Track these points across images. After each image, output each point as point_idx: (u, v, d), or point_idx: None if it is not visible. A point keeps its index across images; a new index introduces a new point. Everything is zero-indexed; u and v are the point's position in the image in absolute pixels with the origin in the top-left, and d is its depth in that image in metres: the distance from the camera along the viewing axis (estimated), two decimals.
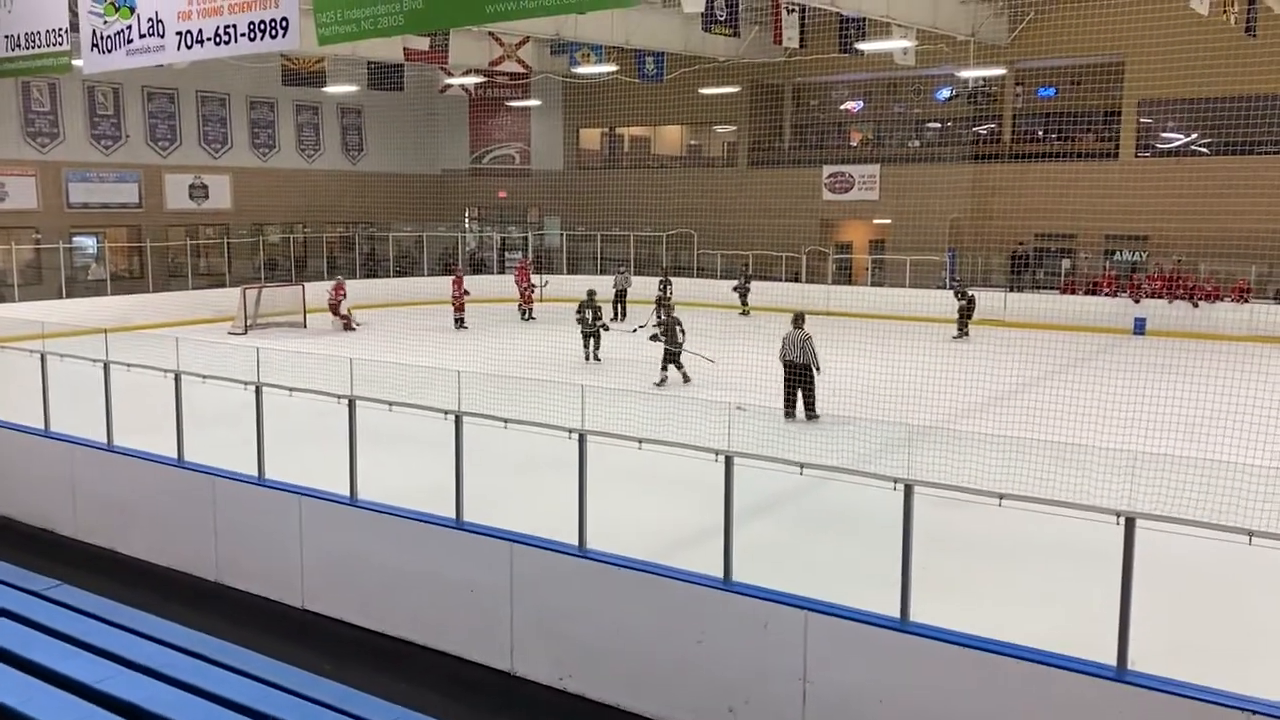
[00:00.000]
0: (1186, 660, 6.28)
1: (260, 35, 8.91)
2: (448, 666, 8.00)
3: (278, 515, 9.12)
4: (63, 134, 27.23)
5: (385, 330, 23.29)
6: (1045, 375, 17.60)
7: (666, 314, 18.15)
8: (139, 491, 10.27)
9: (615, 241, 31.79)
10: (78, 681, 4.54)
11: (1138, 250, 26.15)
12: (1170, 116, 26.50)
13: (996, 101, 28.96)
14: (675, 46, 25.88)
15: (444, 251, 33.55)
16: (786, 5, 22.02)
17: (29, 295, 24.52)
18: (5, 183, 26.24)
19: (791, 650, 6.60)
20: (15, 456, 11.49)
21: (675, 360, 17.25)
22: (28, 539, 10.86)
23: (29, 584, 6.51)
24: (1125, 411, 11.76)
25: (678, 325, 17.55)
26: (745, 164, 32.37)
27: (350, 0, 8.44)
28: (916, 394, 13.58)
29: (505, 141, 35.71)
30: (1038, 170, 26.92)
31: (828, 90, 32.12)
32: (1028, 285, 26.83)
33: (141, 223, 28.81)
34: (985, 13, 25.49)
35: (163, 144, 29.35)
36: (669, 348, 17.32)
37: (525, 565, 7.72)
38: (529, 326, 25.43)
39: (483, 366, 12.49)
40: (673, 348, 17.26)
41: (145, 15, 9.74)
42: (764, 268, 29.53)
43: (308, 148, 32.98)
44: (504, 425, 8.16)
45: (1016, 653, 6.02)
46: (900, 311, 24.27)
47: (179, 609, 8.06)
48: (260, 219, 31.25)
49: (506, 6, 7.65)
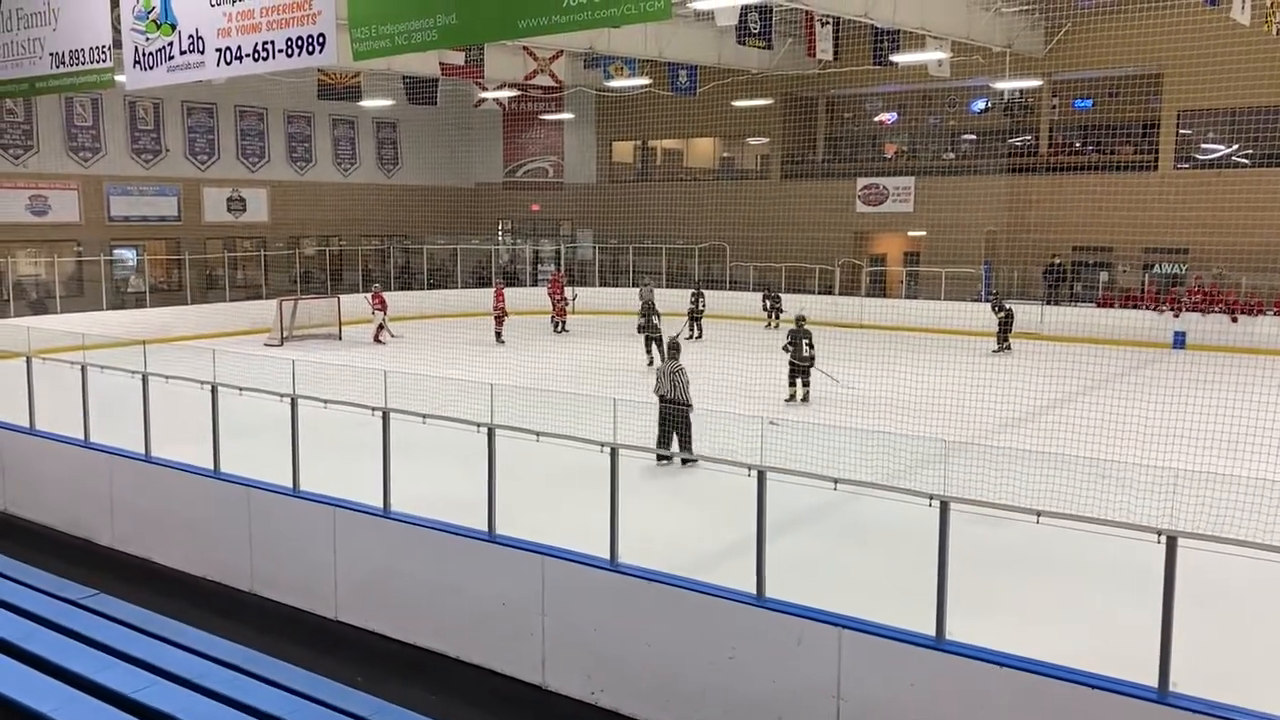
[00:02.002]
0: (1230, 683, 6.14)
1: (298, 51, 9.01)
2: (479, 679, 7.99)
3: (312, 526, 9.17)
4: (104, 148, 27.70)
5: (418, 342, 23.43)
6: (1083, 390, 17.38)
7: (797, 325, 16.92)
8: (176, 502, 10.37)
9: (647, 254, 31.82)
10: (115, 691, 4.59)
11: (1177, 263, 25.79)
12: (1210, 128, 26.14)
13: (1032, 113, 28.72)
14: (708, 59, 25.91)
15: (477, 264, 33.75)
16: (820, 18, 21.98)
17: (70, 307, 24.92)
18: (48, 196, 26.72)
19: (825, 667, 6.54)
20: (55, 466, 11.66)
21: (804, 375, 16.39)
22: (66, 548, 10.99)
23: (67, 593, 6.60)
24: (1165, 427, 11.57)
25: (806, 340, 16.50)
26: (778, 176, 32.31)
27: (385, 16, 8.52)
28: (952, 408, 13.45)
29: (538, 155, 35.90)
30: (1075, 182, 26.65)
31: (861, 102, 32.02)
32: (1064, 299, 26.54)
33: (180, 235, 29.23)
34: (1021, 24, 25.31)
35: (201, 158, 29.77)
36: (794, 362, 16.41)
37: (557, 578, 7.71)
38: (562, 339, 25.48)
39: (515, 379, 12.53)
40: (799, 362, 16.34)
41: (186, 32, 9.89)
42: (797, 280, 29.42)
43: (344, 161, 33.32)
44: (536, 438, 8.17)
45: (1055, 672, 5.92)
46: (935, 325, 24.07)
47: (214, 619, 8.12)
48: (297, 232, 31.61)
49: (540, 22, 7.68)
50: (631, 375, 19.47)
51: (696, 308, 25.70)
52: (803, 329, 16.67)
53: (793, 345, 16.53)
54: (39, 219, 26.56)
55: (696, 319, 25.61)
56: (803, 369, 16.31)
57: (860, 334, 24.00)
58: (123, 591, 7.60)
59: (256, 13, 9.21)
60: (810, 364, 16.37)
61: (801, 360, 16.36)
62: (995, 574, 8.89)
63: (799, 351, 16.41)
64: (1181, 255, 25.50)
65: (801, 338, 16.53)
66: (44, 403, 12.01)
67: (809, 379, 16.37)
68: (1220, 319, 23.45)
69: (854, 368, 16.43)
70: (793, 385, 16.41)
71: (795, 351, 16.45)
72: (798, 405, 16.09)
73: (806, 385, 16.39)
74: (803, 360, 16.36)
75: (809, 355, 16.40)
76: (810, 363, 16.38)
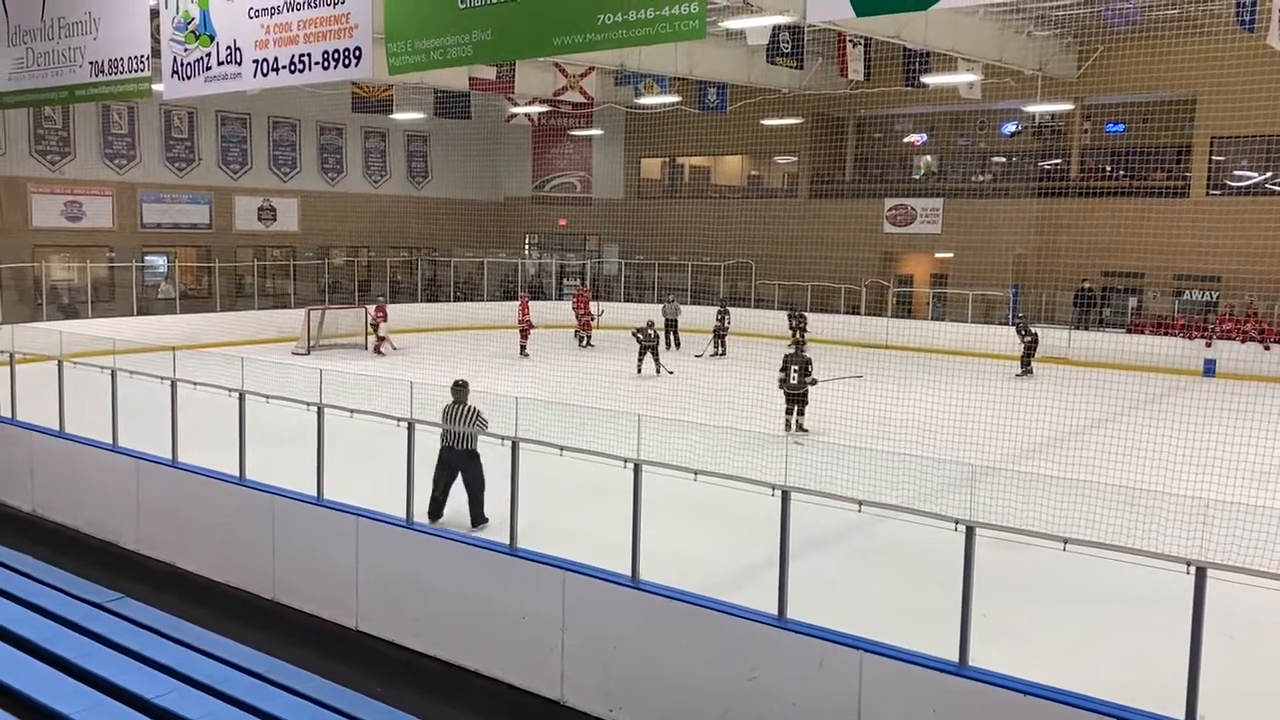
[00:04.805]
0: (1257, 717, 6.05)
1: (334, 64, 9.10)
2: (497, 693, 7.98)
3: (335, 536, 9.21)
4: (139, 156, 28.06)
5: (444, 355, 23.52)
6: (1111, 416, 17.21)
7: (797, 350, 16.45)
8: (201, 508, 10.44)
9: (674, 270, 31.85)
10: (137, 695, 4.62)
11: (1208, 290, 25.54)
12: (1243, 154, 25.90)
13: (1063, 137, 28.56)
14: (739, 78, 25.96)
15: (504, 278, 33.89)
16: (851, 38, 21.99)
17: (102, 312, 25.19)
18: (83, 202, 27.09)
19: (846, 690, 6.48)
20: (83, 469, 11.77)
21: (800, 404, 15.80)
22: (92, 551, 11.09)
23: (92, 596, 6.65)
24: (1195, 456, 11.43)
25: (796, 366, 15.88)
26: (806, 195, 32.28)
27: (421, 31, 8.59)
28: (978, 431, 13.35)
29: (567, 170, 36.05)
30: (1105, 207, 26.46)
31: (891, 123, 31.97)
32: (1093, 323, 26.32)
33: (211, 243, 29.54)
34: (1053, 48, 25.22)
35: (234, 167, 30.09)
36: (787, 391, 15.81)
37: (577, 594, 7.69)
38: (587, 353, 25.52)
39: (540, 393, 12.55)
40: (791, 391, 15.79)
41: (224, 44, 10.01)
42: (823, 300, 29.34)
43: (374, 173, 33.59)
44: (559, 453, 8.18)
45: (1080, 702, 5.84)
46: (961, 347, 23.93)
47: (236, 626, 8.15)
48: (326, 242, 31.86)
49: (574, 39, 7.72)
50: (656, 391, 19.46)
51: (722, 325, 25.70)
52: (799, 354, 16.17)
53: (783, 371, 15.93)
54: (73, 224, 26.93)
55: (721, 336, 25.60)
56: (797, 397, 15.76)
57: (886, 355, 23.89)
58: (146, 596, 7.66)
59: (294, 25, 9.31)
60: (803, 391, 15.76)
61: (793, 389, 15.73)
62: (1020, 600, 8.79)
63: (788, 379, 15.80)
64: (1213, 283, 25.24)
65: (792, 364, 15.88)
66: (74, 406, 12.14)
67: (804, 407, 15.77)
68: (1252, 347, 23.17)
69: (879, 389, 16.32)
70: (789, 414, 15.74)
71: (785, 379, 15.85)
72: (793, 433, 15.43)
73: (801, 414, 15.75)
74: (794, 389, 15.73)
75: (802, 382, 15.75)
76: (803, 390, 15.75)
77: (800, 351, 16.52)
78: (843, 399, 15.85)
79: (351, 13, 8.96)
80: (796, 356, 16.15)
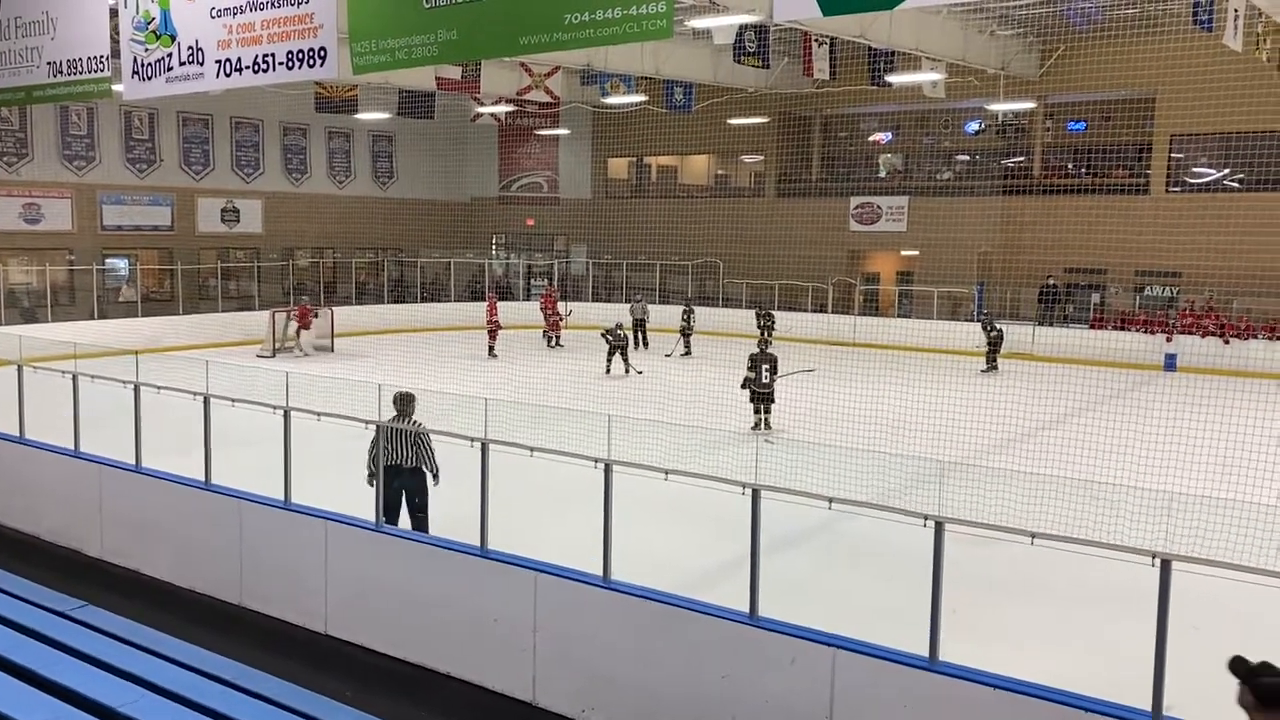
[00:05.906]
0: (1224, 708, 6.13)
1: (298, 64, 9.01)
2: (469, 695, 7.94)
3: (303, 540, 9.12)
4: (99, 157, 27.68)
5: (411, 356, 23.38)
6: (1076, 411, 17.42)
7: (761, 350, 16.59)
8: (166, 513, 10.30)
9: (641, 270, 31.88)
10: (103, 705, 4.55)
11: (1169, 286, 25.92)
12: (1202, 152, 26.33)
13: (1026, 135, 28.90)
14: (705, 77, 26.02)
15: (471, 278, 33.76)
16: (817, 37, 22.09)
17: (62, 315, 24.84)
18: (41, 205, 26.68)
19: (818, 688, 6.51)
20: (45, 476, 11.58)
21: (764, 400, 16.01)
22: (55, 559, 10.91)
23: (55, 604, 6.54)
24: (1157, 449, 11.60)
25: (766, 365, 16.11)
26: (773, 194, 32.42)
27: (386, 30, 8.52)
28: (945, 427, 13.46)
29: (534, 170, 35.97)
30: (1068, 204, 26.80)
31: (856, 122, 32.17)
32: (1057, 320, 26.63)
33: (173, 245, 29.19)
34: (1015, 47, 25.49)
35: (196, 168, 29.76)
36: (754, 389, 16.01)
37: (549, 595, 7.67)
38: (556, 353, 25.48)
39: (509, 394, 12.50)
40: (759, 389, 15.98)
41: (185, 44, 9.88)
42: (791, 298, 29.48)
43: (339, 173, 33.34)
44: (530, 454, 8.15)
45: (1048, 695, 5.90)
46: (927, 344, 24.14)
47: (203, 632, 8.05)
48: (291, 243, 31.60)
49: (541, 39, 7.68)
50: (626, 391, 19.47)
51: (687, 324, 25.76)
52: (766, 353, 16.36)
53: (752, 370, 16.10)
54: (32, 227, 26.52)
55: (686, 336, 25.66)
56: (764, 395, 15.99)
57: (853, 352, 24.03)
58: (112, 603, 7.53)
59: (257, 25, 9.21)
60: (771, 389, 15.98)
61: (762, 388, 15.96)
62: (989, 595, 8.87)
63: (758, 378, 15.99)
64: (1174, 278, 25.63)
65: (762, 363, 16.08)
66: (34, 411, 11.94)
67: (770, 406, 16.01)
68: (1212, 342, 23.55)
69: (846, 386, 16.41)
70: (757, 413, 15.97)
71: (756, 378, 16.03)
72: (763, 431, 15.65)
73: (768, 412, 15.99)
74: (763, 388, 15.96)
75: (772, 380, 15.98)
76: (771, 389, 15.98)
77: (765, 350, 16.63)
78: (810, 397, 15.94)
79: (316, 12, 8.87)
80: (765, 355, 16.26)
